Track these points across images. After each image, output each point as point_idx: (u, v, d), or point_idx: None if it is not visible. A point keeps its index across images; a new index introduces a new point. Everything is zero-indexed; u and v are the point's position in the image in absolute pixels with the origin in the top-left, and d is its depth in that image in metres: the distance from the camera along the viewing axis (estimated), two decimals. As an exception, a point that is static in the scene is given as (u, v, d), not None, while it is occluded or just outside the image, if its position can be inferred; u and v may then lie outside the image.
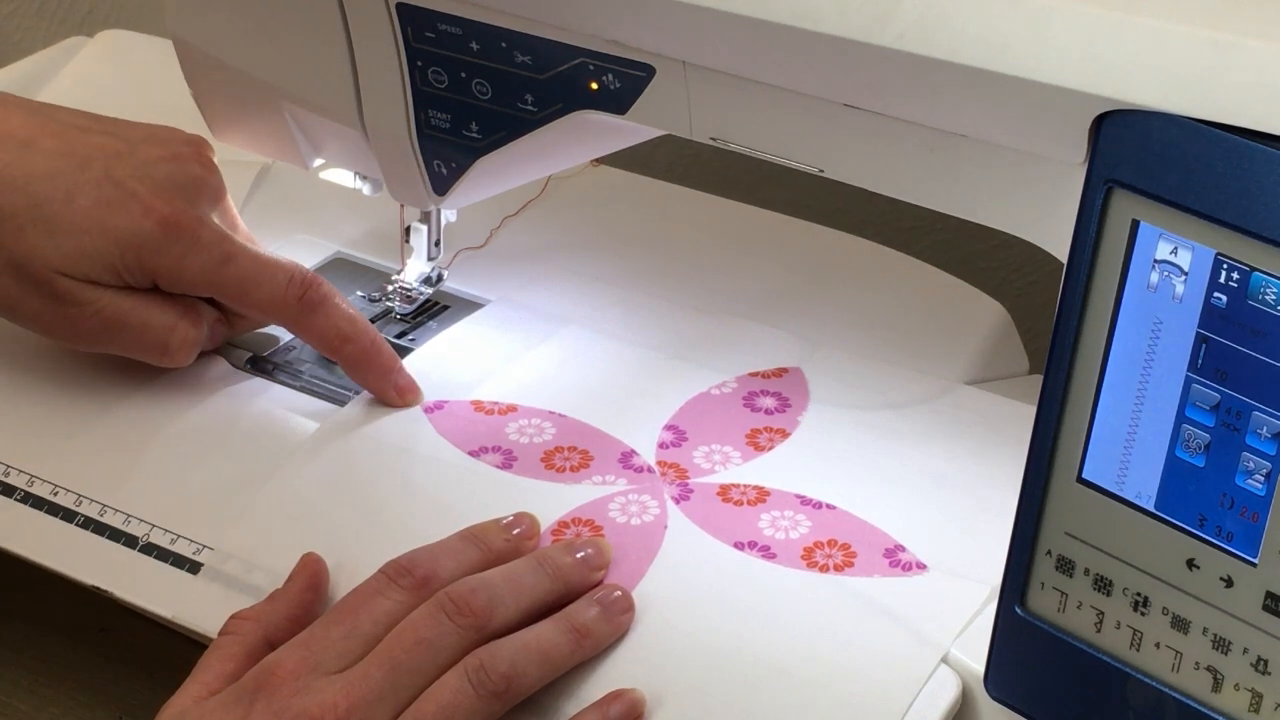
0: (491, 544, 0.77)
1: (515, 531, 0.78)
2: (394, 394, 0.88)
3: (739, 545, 0.80)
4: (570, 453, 0.85)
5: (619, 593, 0.76)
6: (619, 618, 0.75)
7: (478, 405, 0.89)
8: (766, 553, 0.80)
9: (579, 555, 0.77)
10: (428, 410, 0.88)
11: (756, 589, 0.78)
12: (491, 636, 0.73)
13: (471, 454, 0.85)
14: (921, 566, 0.79)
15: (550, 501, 0.82)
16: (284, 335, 0.94)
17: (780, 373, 0.92)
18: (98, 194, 0.85)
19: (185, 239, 0.85)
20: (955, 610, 0.76)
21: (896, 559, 0.79)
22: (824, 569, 0.79)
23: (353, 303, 0.97)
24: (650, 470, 0.85)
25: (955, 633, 0.75)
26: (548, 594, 0.75)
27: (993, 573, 0.76)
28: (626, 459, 0.85)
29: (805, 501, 0.83)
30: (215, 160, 0.90)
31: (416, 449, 0.86)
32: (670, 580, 0.78)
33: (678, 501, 0.82)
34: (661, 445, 0.86)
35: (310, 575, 0.78)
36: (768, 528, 0.81)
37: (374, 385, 0.88)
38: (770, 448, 0.86)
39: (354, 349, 0.88)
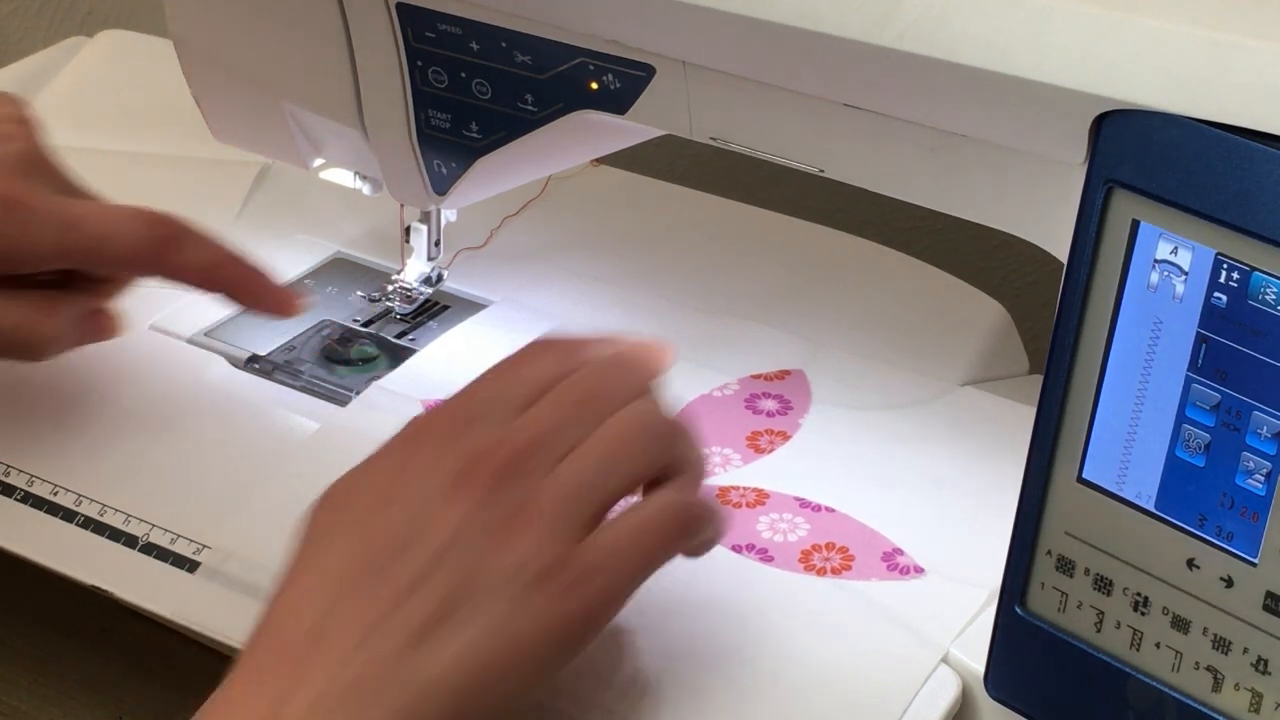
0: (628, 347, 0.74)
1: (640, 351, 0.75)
2: (285, 301, 0.86)
3: (736, 548, 0.80)
4: None
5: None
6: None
7: (478, 405, 0.89)
8: (764, 555, 0.79)
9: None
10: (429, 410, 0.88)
11: (754, 592, 0.78)
12: (655, 400, 0.71)
13: (471, 454, 0.85)
14: (919, 570, 0.79)
15: (550, 501, 0.82)
16: (284, 336, 0.94)
17: (783, 375, 0.91)
18: None
19: (19, 212, 0.81)
20: (952, 614, 0.76)
21: (894, 562, 0.79)
22: (821, 572, 0.79)
23: (353, 302, 0.97)
24: (650, 470, 0.84)
25: (952, 636, 0.75)
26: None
27: (990, 576, 0.76)
28: (626, 459, 0.85)
29: (804, 504, 0.83)
30: (31, 116, 0.85)
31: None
32: (668, 583, 0.78)
33: (677, 502, 0.82)
34: (661, 445, 0.86)
35: None
36: (766, 530, 0.81)
37: (262, 300, 0.86)
38: (771, 450, 0.86)
39: (232, 270, 0.85)
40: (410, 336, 0.95)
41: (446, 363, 0.92)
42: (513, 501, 0.67)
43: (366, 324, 0.96)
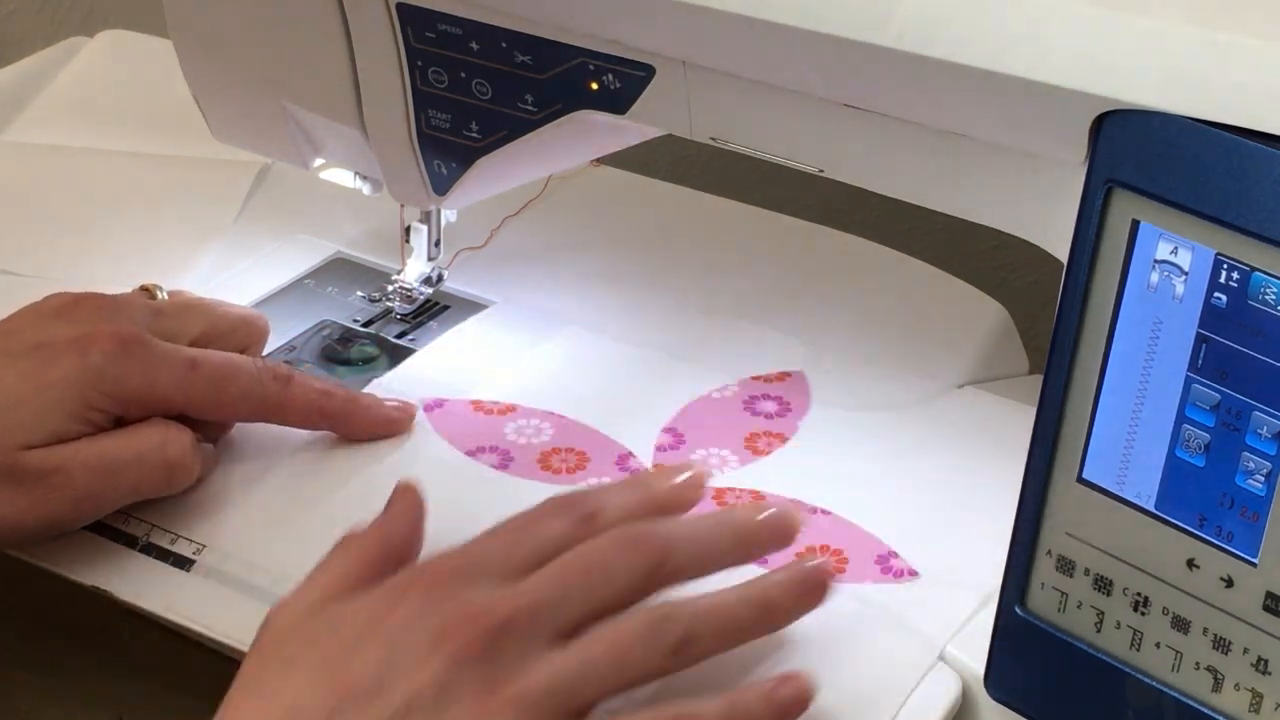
0: (655, 489, 0.72)
1: (679, 479, 0.73)
2: (394, 417, 0.86)
3: None
4: (567, 454, 0.85)
5: (815, 562, 0.71)
6: (813, 592, 0.70)
7: (477, 405, 0.89)
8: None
9: (762, 517, 0.72)
10: (427, 409, 0.88)
11: None
12: (666, 580, 0.68)
13: (469, 454, 0.85)
14: (913, 574, 0.79)
15: (546, 502, 0.82)
16: (284, 336, 0.94)
17: (783, 377, 0.91)
18: (24, 363, 0.79)
19: (139, 352, 0.80)
20: (945, 617, 0.76)
21: (889, 566, 0.79)
22: None
23: (353, 302, 0.98)
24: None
25: (944, 641, 0.75)
26: (726, 551, 0.70)
27: (985, 579, 0.76)
28: (623, 461, 0.85)
29: (800, 507, 0.82)
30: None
31: (414, 448, 0.86)
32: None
33: (674, 504, 0.82)
34: (659, 448, 0.86)
35: (414, 495, 0.73)
36: None
37: (372, 421, 0.86)
38: (769, 452, 0.86)
39: (339, 399, 0.86)
40: (410, 336, 0.95)
41: (442, 361, 0.92)
42: (492, 674, 0.64)
43: (366, 324, 0.96)
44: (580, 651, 0.65)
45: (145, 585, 0.81)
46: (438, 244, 0.97)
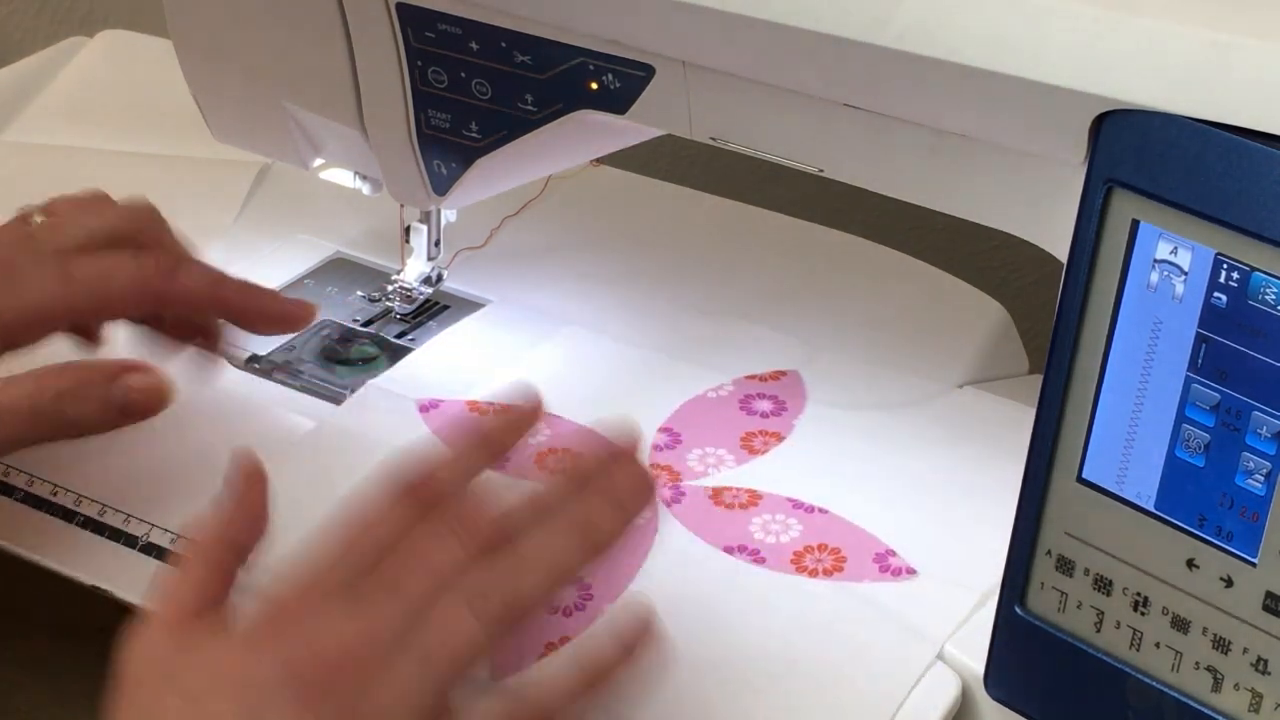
0: (489, 433, 0.71)
1: (512, 417, 0.72)
2: (292, 311, 0.85)
3: (729, 549, 0.80)
4: (564, 454, 0.85)
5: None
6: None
7: (473, 405, 0.89)
8: (756, 556, 0.79)
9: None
10: (423, 409, 0.88)
11: (745, 593, 0.78)
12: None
13: (466, 454, 0.85)
14: (911, 572, 0.79)
15: (546, 502, 0.82)
16: (284, 336, 0.94)
17: (778, 376, 0.91)
18: None
19: (8, 273, 0.79)
20: (943, 615, 0.76)
21: (886, 564, 0.79)
22: (813, 573, 0.79)
23: (353, 302, 0.98)
24: (645, 472, 0.85)
25: (942, 639, 0.75)
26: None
27: (982, 578, 0.76)
28: (622, 460, 0.85)
29: (797, 505, 0.83)
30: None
31: (410, 448, 0.86)
32: (659, 584, 0.78)
33: (669, 504, 0.82)
34: (656, 447, 0.86)
35: (254, 469, 0.73)
36: (758, 531, 0.81)
37: (266, 311, 0.85)
38: (765, 451, 0.86)
39: (234, 286, 0.83)
40: (410, 336, 0.95)
41: (439, 361, 0.92)
42: (351, 704, 0.64)
43: (366, 324, 0.96)
44: (421, 663, 0.65)
45: (145, 585, 0.81)
46: (437, 244, 0.97)
